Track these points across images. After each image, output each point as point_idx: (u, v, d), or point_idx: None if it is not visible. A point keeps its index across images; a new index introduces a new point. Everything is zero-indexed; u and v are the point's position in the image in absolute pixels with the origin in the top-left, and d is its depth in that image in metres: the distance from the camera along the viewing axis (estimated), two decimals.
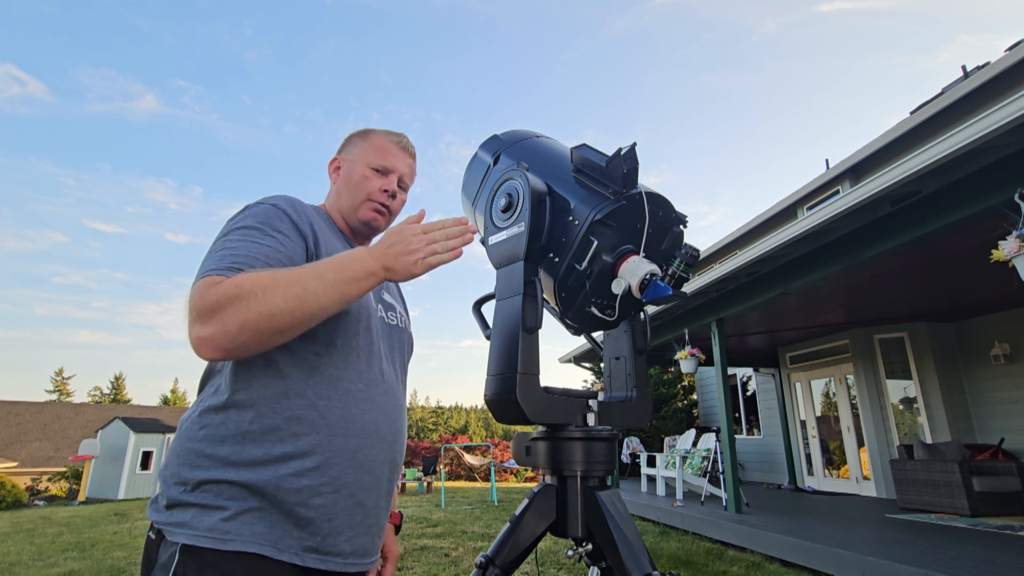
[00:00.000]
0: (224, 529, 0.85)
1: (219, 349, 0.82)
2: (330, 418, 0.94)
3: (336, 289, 0.87)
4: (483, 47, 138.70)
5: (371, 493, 0.98)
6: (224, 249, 0.91)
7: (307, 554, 0.89)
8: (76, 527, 8.63)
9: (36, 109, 66.28)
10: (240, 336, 0.81)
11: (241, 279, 0.83)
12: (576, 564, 4.67)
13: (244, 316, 0.80)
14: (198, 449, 0.90)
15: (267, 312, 0.81)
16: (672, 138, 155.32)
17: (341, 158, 1.22)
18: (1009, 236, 2.92)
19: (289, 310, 0.82)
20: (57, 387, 34.36)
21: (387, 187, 1.18)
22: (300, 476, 0.89)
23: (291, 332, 0.86)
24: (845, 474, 8.53)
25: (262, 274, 0.85)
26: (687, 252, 1.01)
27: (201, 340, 0.81)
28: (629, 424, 1.10)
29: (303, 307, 0.84)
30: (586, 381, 14.15)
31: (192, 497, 0.87)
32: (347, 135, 1.26)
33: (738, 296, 6.06)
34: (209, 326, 0.81)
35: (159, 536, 0.88)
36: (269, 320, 0.81)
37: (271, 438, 0.90)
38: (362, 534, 0.97)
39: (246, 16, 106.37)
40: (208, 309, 0.81)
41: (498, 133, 1.35)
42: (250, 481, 0.87)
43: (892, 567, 3.59)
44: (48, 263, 71.48)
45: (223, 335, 0.81)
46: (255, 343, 0.83)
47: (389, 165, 1.18)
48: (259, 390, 0.92)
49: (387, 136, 1.22)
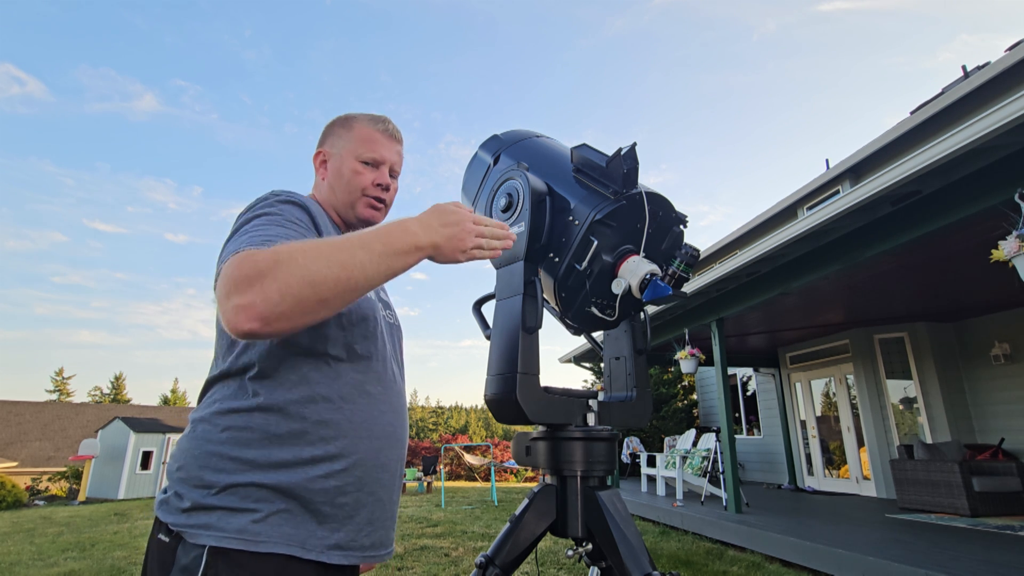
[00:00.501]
0: (255, 531, 0.85)
1: (259, 318, 0.75)
2: (355, 421, 0.96)
3: (384, 261, 0.83)
4: (483, 47, 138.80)
5: (388, 489, 1.01)
6: (252, 232, 0.89)
7: (332, 551, 0.91)
8: (76, 527, 8.63)
9: (35, 109, 66.28)
10: (282, 303, 0.75)
11: (279, 247, 0.79)
12: (576, 564, 4.67)
13: (286, 281, 0.75)
14: (222, 452, 0.89)
15: (310, 278, 0.76)
16: (672, 138, 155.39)
17: (326, 151, 1.18)
18: (1009, 236, 2.92)
19: (333, 277, 0.78)
20: (57, 387, 34.36)
21: (380, 180, 1.15)
22: (329, 478, 0.91)
23: (334, 303, 0.80)
24: (845, 474, 8.53)
25: (302, 242, 0.81)
26: (687, 252, 1.01)
27: (238, 308, 0.74)
28: (629, 424, 1.10)
29: (348, 275, 0.79)
30: (586, 381, 14.15)
31: (217, 500, 0.86)
32: (328, 123, 1.21)
33: (738, 296, 6.06)
34: (248, 294, 0.75)
35: (177, 539, 0.86)
36: (312, 287, 0.76)
37: (300, 441, 0.91)
38: (380, 528, 0.99)
39: (245, 16, 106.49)
40: (246, 277, 0.76)
41: (498, 133, 1.35)
42: (280, 483, 0.88)
43: (892, 567, 3.59)
44: (48, 263, 71.49)
45: (264, 302, 0.74)
46: (297, 312, 0.77)
47: (379, 156, 1.15)
48: (284, 393, 0.92)
49: (371, 124, 1.17)
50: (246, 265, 0.77)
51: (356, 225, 1.18)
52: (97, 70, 74.69)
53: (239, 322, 0.74)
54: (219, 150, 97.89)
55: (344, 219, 1.17)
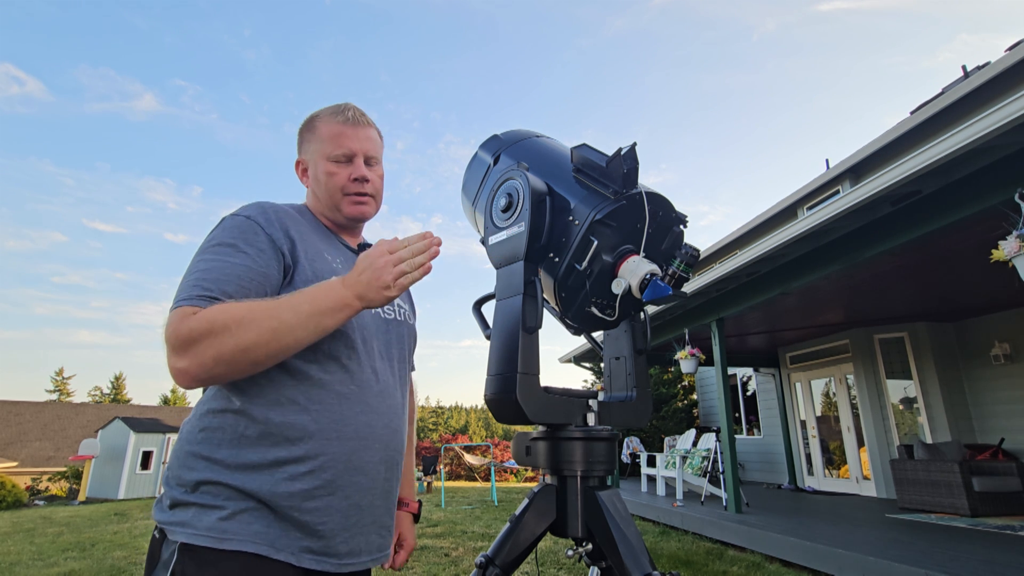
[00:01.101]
0: (222, 528, 0.86)
1: (196, 380, 0.84)
2: (322, 422, 0.95)
3: (311, 321, 0.88)
4: (482, 46, 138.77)
5: (367, 494, 0.99)
6: (196, 272, 0.92)
7: (303, 554, 0.90)
8: (76, 527, 8.63)
9: (35, 108, 66.25)
10: (216, 368, 0.84)
11: (215, 312, 0.85)
12: (576, 564, 4.67)
13: (218, 350, 0.83)
14: (197, 451, 0.92)
15: (241, 346, 0.83)
16: (672, 138, 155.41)
17: (303, 159, 1.17)
18: (1009, 236, 2.92)
19: (264, 343, 0.84)
20: (57, 387, 34.37)
21: (356, 174, 1.12)
22: (294, 480, 0.90)
23: (267, 363, 0.88)
24: (845, 474, 8.53)
25: (235, 307, 0.86)
26: (687, 252, 1.01)
27: (178, 371, 0.83)
28: (629, 424, 1.10)
29: (277, 340, 0.85)
30: (586, 381, 14.15)
31: (192, 497, 0.89)
32: (298, 129, 1.20)
33: (738, 296, 6.06)
34: (184, 359, 0.83)
35: (162, 535, 0.90)
36: (244, 353, 0.84)
37: (266, 443, 0.91)
38: (358, 535, 0.97)
39: (245, 15, 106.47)
40: (182, 343, 0.83)
41: (498, 133, 1.35)
42: (244, 485, 0.89)
43: (892, 567, 3.58)
44: (47, 263, 71.52)
45: (198, 367, 0.83)
46: (231, 373, 0.86)
47: (347, 150, 1.11)
48: (252, 396, 0.93)
49: (333, 118, 1.14)
50: (183, 330, 0.84)
51: (347, 225, 1.18)
52: (96, 70, 74.65)
53: (180, 382, 0.84)
54: (219, 150, 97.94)
55: (334, 221, 1.17)
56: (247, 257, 0.95)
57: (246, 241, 0.97)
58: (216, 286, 0.90)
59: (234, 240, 0.96)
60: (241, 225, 0.99)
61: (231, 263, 0.93)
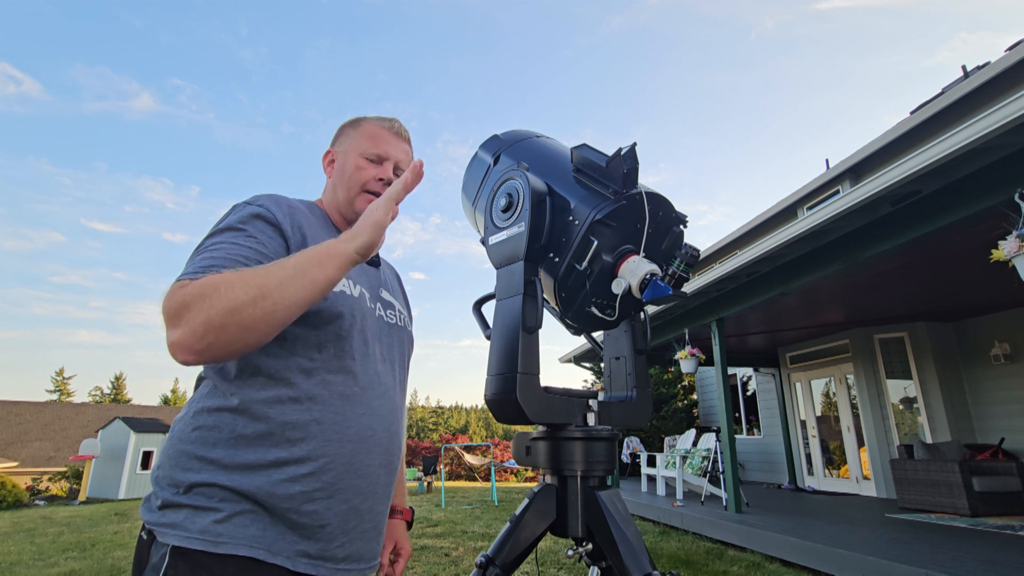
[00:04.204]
0: (217, 531, 0.83)
1: (190, 351, 0.77)
2: (325, 423, 0.93)
3: (300, 274, 0.81)
4: (481, 46, 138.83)
5: (366, 498, 0.97)
6: (202, 253, 0.89)
7: (299, 558, 0.88)
8: (76, 527, 8.63)
9: (32, 108, 66.48)
10: (207, 335, 0.76)
11: (207, 279, 0.80)
12: (576, 564, 4.67)
13: (207, 314, 0.76)
14: (190, 451, 0.89)
15: (229, 306, 0.76)
16: (672, 138, 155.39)
17: (334, 150, 1.19)
18: (1009, 236, 2.92)
19: (251, 300, 0.77)
20: (57, 387, 34.38)
21: (383, 175, 1.14)
22: (294, 482, 0.88)
23: (259, 328, 0.79)
24: (845, 474, 8.53)
25: (228, 272, 0.82)
26: (687, 252, 1.01)
27: (172, 345, 0.78)
28: (629, 424, 1.10)
29: (265, 296, 0.78)
30: (586, 381, 14.15)
31: (184, 499, 0.86)
32: (340, 125, 1.23)
33: (738, 296, 6.06)
34: (176, 329, 0.78)
35: (151, 536, 0.86)
36: (232, 314, 0.76)
37: (265, 443, 0.89)
38: (356, 539, 0.96)
39: (242, 14, 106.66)
40: (174, 312, 0.78)
41: (498, 133, 1.35)
42: (241, 486, 0.86)
43: (892, 567, 3.59)
44: (46, 263, 71.68)
45: (190, 335, 0.76)
46: (223, 342, 0.78)
47: (383, 152, 1.15)
48: (252, 394, 0.91)
49: (379, 122, 1.18)
50: (175, 299, 0.79)
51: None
52: (93, 69, 74.92)
53: (176, 356, 0.78)
54: (216, 149, 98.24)
55: (346, 217, 1.16)
56: (256, 241, 0.93)
57: (256, 227, 0.95)
58: (221, 264, 0.85)
59: (244, 225, 0.95)
60: (251, 212, 0.98)
61: (240, 244, 0.91)
